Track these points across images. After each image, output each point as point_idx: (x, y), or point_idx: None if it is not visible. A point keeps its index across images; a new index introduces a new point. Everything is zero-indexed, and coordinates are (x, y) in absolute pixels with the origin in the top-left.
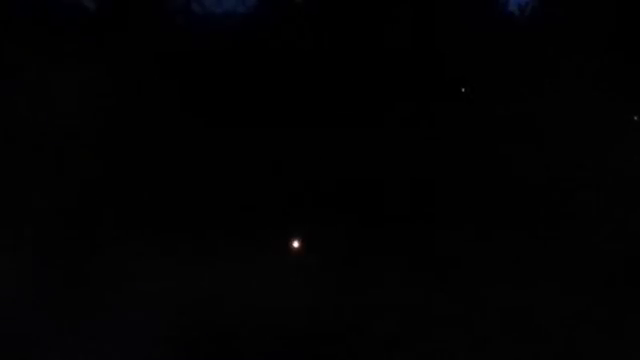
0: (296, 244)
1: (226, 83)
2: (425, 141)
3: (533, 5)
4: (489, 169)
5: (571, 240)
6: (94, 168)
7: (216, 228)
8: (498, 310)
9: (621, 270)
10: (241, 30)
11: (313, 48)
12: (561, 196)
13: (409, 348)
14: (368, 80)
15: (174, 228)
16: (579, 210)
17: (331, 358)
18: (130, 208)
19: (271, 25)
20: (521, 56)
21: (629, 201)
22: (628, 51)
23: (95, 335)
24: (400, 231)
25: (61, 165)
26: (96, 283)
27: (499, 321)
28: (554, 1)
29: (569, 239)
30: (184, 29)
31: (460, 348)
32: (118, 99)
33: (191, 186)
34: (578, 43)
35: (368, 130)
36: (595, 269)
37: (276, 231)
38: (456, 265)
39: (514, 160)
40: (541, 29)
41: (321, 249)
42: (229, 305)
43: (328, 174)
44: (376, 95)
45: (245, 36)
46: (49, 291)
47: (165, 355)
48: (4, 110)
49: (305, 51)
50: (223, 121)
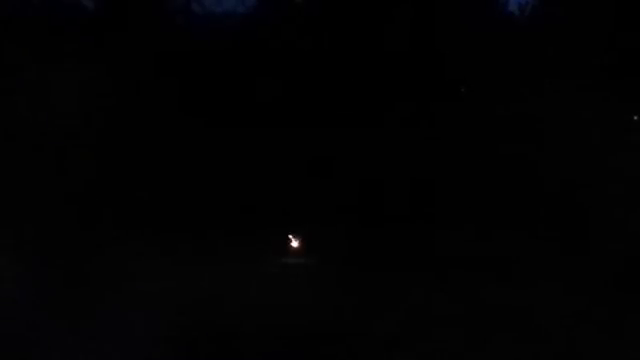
0: (296, 244)
1: (226, 83)
2: (425, 141)
3: (533, 5)
4: (489, 169)
5: (571, 240)
6: (94, 168)
7: (216, 228)
8: (498, 310)
9: (621, 270)
10: (241, 30)
11: (313, 48)
12: (561, 196)
13: (409, 348)
14: (368, 80)
15: (174, 228)
16: (579, 210)
17: (331, 358)
18: (130, 208)
19: (271, 25)
20: (521, 56)
21: (629, 201)
22: (628, 51)
23: (95, 335)
24: (400, 231)
25: (61, 165)
26: (96, 283)
27: (499, 321)
28: (554, 1)
29: (569, 239)
30: (184, 29)
31: (460, 348)
32: (118, 99)
33: (191, 186)
34: (578, 43)
35: (368, 130)
36: (595, 269)
37: (276, 231)
38: (456, 265)
39: (514, 160)
40: (541, 29)
41: (321, 250)
42: (229, 305)
43: (328, 174)
44: (376, 95)
45: (245, 36)
46: (49, 291)
47: (165, 355)
48: (4, 110)
49: (305, 51)
50: (223, 121)
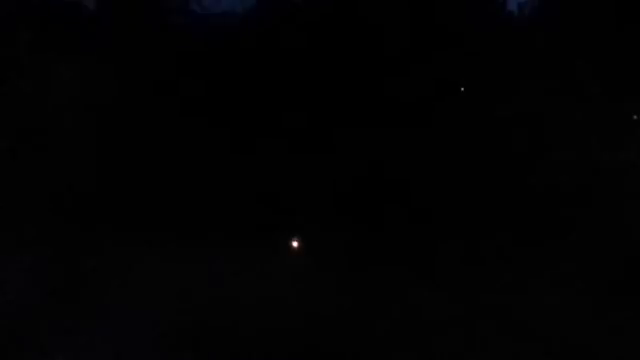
0: (296, 245)
1: (225, 83)
2: (424, 141)
3: (532, 4)
4: (488, 169)
5: (571, 240)
6: (95, 168)
7: (216, 228)
8: (498, 310)
9: (621, 270)
10: (240, 30)
11: (312, 48)
12: (561, 196)
13: (408, 347)
14: (367, 80)
15: (174, 229)
16: (579, 210)
17: (331, 358)
18: (131, 209)
19: (270, 25)
20: (520, 55)
21: (629, 200)
22: (628, 51)
23: (95, 334)
24: (400, 232)
25: (61, 165)
26: (96, 283)
27: (499, 321)
28: (553, 1)
29: (569, 239)
30: (183, 29)
31: (460, 348)
32: (118, 99)
33: (191, 186)
34: (577, 42)
35: (368, 130)
36: (595, 269)
37: (276, 232)
38: (456, 265)
39: (514, 160)
40: (541, 28)
41: (321, 250)
42: (229, 305)
43: (328, 175)
44: (375, 95)
45: (244, 36)
46: (49, 291)
47: (165, 354)
48: (4, 109)
49: (304, 51)
50: (223, 121)
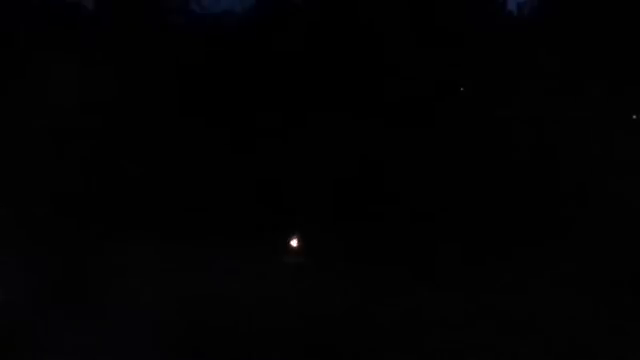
0: (296, 245)
1: (225, 83)
2: (424, 141)
3: (532, 4)
4: (488, 169)
5: (571, 240)
6: (95, 168)
7: (216, 229)
8: (498, 310)
9: (621, 270)
10: (239, 30)
11: (312, 48)
12: (561, 196)
13: (409, 348)
14: (368, 80)
15: (175, 229)
16: (579, 210)
17: (331, 358)
18: (132, 210)
19: (270, 24)
20: (520, 55)
21: (629, 200)
22: (627, 50)
23: (95, 334)
24: (400, 232)
25: (61, 165)
26: (96, 282)
27: (499, 321)
28: (553, 0)
29: (569, 239)
30: (183, 28)
31: (461, 348)
32: (117, 99)
33: (191, 187)
34: (577, 42)
35: (368, 130)
36: (595, 269)
37: (275, 233)
38: (456, 265)
39: (513, 160)
40: (540, 28)
41: (320, 249)
42: (229, 304)
43: (328, 175)
44: (376, 95)
45: (243, 35)
46: (49, 291)
47: (165, 354)
48: (4, 109)
49: (304, 51)
50: (222, 121)
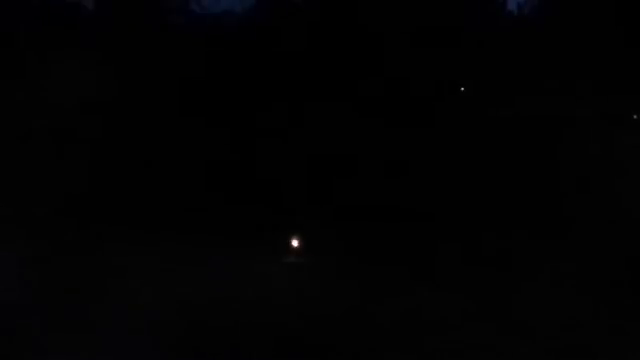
0: (296, 245)
1: (225, 83)
2: (424, 140)
3: (532, 4)
4: (489, 168)
5: (571, 240)
6: (94, 168)
7: (216, 228)
8: (498, 310)
9: (621, 270)
10: (239, 30)
11: (312, 48)
12: (561, 196)
13: (409, 348)
14: (368, 80)
15: (174, 228)
16: (579, 210)
17: (331, 358)
18: (131, 209)
19: (270, 25)
20: (520, 55)
21: (629, 200)
22: (627, 50)
23: (95, 334)
24: (401, 231)
25: (61, 165)
26: (96, 283)
27: (499, 321)
28: (553, 0)
29: (569, 239)
30: (183, 28)
31: (461, 348)
32: (117, 98)
33: (191, 186)
34: (577, 42)
35: (368, 130)
36: (595, 269)
37: (275, 233)
38: (456, 265)
39: (514, 160)
40: (540, 28)
41: (320, 249)
42: (229, 304)
43: (327, 175)
44: (376, 95)
45: (243, 36)
46: (48, 291)
47: (165, 354)
48: (4, 109)
49: (304, 51)
50: (222, 121)
